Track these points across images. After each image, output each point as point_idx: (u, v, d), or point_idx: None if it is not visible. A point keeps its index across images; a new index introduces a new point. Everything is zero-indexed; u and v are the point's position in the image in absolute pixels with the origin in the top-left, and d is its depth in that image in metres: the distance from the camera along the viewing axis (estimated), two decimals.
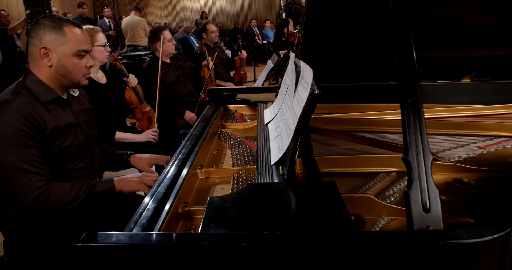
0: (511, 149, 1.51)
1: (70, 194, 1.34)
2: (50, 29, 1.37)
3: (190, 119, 3.26)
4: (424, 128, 0.77)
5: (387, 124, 1.70)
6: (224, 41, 10.57)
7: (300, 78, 1.18)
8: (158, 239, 0.67)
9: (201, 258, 0.65)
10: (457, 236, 0.66)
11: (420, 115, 0.77)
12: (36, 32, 1.37)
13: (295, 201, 0.85)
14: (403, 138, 0.78)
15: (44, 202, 1.29)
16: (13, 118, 1.28)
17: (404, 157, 0.77)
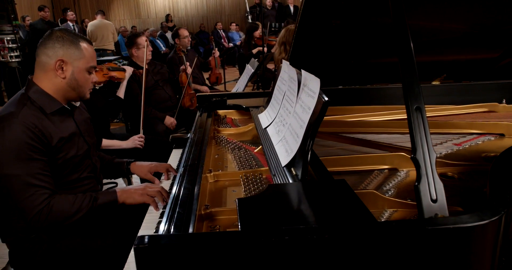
0: (482, 144, 1.69)
1: (73, 207, 1.35)
2: (69, 43, 1.40)
3: (170, 124, 3.30)
4: (428, 130, 0.89)
5: (372, 125, 1.84)
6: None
7: (302, 86, 1.28)
8: (215, 238, 0.75)
9: (249, 252, 0.73)
10: (463, 221, 0.78)
11: (424, 119, 0.90)
12: (52, 43, 1.39)
13: (316, 198, 0.94)
14: (411, 139, 0.90)
15: (47, 215, 1.30)
16: (19, 131, 1.29)
17: (412, 156, 0.88)
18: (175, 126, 3.37)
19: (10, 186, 1.30)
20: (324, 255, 0.74)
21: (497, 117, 2.06)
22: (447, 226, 0.77)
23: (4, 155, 1.28)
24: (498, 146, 1.66)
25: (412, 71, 0.93)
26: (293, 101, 1.36)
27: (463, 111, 2.09)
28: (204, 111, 2.06)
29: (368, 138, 1.69)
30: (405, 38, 0.96)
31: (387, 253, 0.77)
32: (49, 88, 1.42)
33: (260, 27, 6.41)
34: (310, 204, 0.91)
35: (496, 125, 1.77)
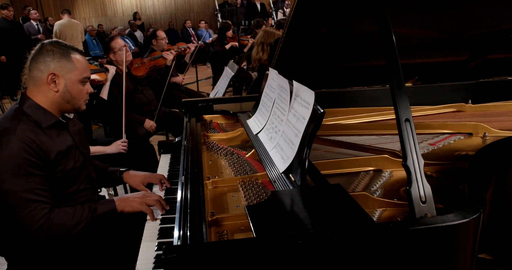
0: (454, 143, 1.83)
1: (73, 219, 1.38)
2: (59, 56, 1.40)
3: (150, 127, 3.31)
4: (416, 139, 1.00)
5: (353, 127, 1.96)
6: None
7: (295, 96, 1.37)
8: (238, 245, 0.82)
9: (268, 256, 0.81)
10: (450, 219, 0.90)
11: (413, 129, 1.00)
12: (43, 58, 1.40)
13: (317, 203, 1.03)
14: (401, 147, 1.00)
15: (48, 230, 1.33)
16: (17, 147, 1.30)
17: (403, 163, 0.99)
18: (155, 129, 3.39)
19: (10, 202, 1.31)
20: (333, 255, 0.84)
21: (465, 116, 2.23)
22: (436, 225, 0.88)
23: (3, 171, 1.28)
24: (467, 144, 1.81)
25: (402, 86, 1.04)
26: (285, 109, 1.44)
27: (435, 112, 2.24)
28: (192, 116, 2.11)
29: (350, 140, 1.80)
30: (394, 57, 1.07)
31: (387, 250, 0.87)
32: (43, 102, 1.43)
33: (232, 27, 6.48)
34: (313, 209, 1.00)
35: (465, 125, 1.92)
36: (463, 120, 2.11)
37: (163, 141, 2.19)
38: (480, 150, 1.35)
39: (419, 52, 2.29)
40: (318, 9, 1.61)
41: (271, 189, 1.31)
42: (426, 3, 1.75)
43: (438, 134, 1.92)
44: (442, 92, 2.47)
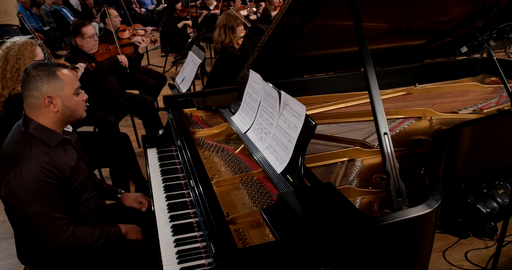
0: (408, 128, 2.16)
1: (92, 238, 1.54)
2: (46, 78, 1.45)
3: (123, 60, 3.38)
4: (392, 148, 1.26)
5: (321, 117, 2.21)
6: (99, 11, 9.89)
7: (284, 105, 1.57)
8: (270, 247, 1.05)
9: (291, 254, 1.05)
10: (421, 210, 1.18)
11: (390, 141, 1.26)
12: (33, 85, 1.44)
13: (317, 202, 1.28)
14: (382, 155, 1.26)
15: (72, 245, 1.47)
16: (36, 171, 1.39)
17: (384, 168, 1.25)
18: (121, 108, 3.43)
19: (35, 222, 1.41)
20: (339, 248, 1.10)
21: (414, 98, 2.57)
22: (411, 216, 1.17)
23: (26, 195, 1.37)
24: (418, 128, 2.15)
25: (380, 105, 1.29)
26: (273, 114, 1.64)
27: (388, 96, 2.55)
28: (175, 111, 2.23)
29: (321, 129, 2.06)
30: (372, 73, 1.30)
31: (378, 238, 1.15)
32: (47, 123, 1.50)
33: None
34: (315, 207, 1.24)
35: (415, 111, 2.25)
36: (413, 104, 2.44)
37: (146, 135, 2.31)
38: (435, 141, 1.65)
39: (375, 41, 2.55)
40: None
41: (267, 184, 1.54)
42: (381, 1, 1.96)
43: (394, 119, 2.23)
44: (392, 75, 2.79)
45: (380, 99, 1.32)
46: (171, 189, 1.85)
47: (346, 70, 2.75)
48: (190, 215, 1.67)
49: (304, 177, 1.42)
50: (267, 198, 1.46)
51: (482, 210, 2.64)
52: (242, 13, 6.01)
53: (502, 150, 2.07)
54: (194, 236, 1.53)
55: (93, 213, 1.68)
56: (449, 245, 2.54)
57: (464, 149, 1.86)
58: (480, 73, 2.98)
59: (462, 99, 2.52)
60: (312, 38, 2.14)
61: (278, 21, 1.75)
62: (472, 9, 2.31)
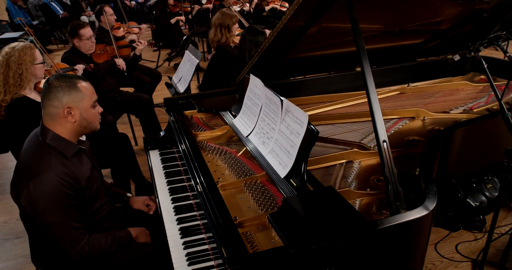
0: (402, 128, 2.24)
1: (106, 245, 1.61)
2: (68, 89, 1.51)
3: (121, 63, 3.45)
4: (391, 156, 1.34)
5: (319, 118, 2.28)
6: (89, 4, 9.78)
7: (286, 111, 1.63)
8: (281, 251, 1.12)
9: (299, 256, 1.13)
10: (418, 213, 1.27)
11: (388, 148, 1.34)
12: (54, 95, 1.50)
13: (320, 205, 1.35)
14: (381, 163, 1.34)
15: (88, 252, 1.54)
16: (56, 182, 1.44)
17: (383, 174, 1.33)
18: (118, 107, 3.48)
19: (53, 231, 1.47)
20: (342, 250, 1.18)
21: (407, 97, 2.65)
22: (409, 219, 1.25)
23: (45, 206, 1.43)
24: (412, 128, 2.23)
25: (379, 113, 1.36)
26: (276, 120, 1.71)
27: (383, 96, 2.63)
28: (176, 113, 2.28)
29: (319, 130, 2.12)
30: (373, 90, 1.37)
31: (378, 239, 1.23)
32: (63, 133, 1.55)
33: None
34: (318, 211, 1.32)
35: (409, 111, 2.33)
36: (406, 103, 2.53)
37: (148, 137, 2.36)
38: (429, 144, 1.73)
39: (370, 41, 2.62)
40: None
41: (270, 188, 1.62)
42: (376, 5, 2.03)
43: (388, 120, 2.31)
44: (385, 74, 2.87)
45: (379, 109, 1.39)
46: (176, 192, 1.91)
47: (341, 70, 2.82)
48: (197, 217, 1.74)
49: (307, 181, 1.49)
50: (271, 201, 1.54)
51: (472, 204, 2.75)
52: (235, 8, 6.02)
53: (491, 149, 2.17)
54: (202, 238, 1.60)
55: (105, 219, 1.73)
56: (440, 238, 2.65)
57: (456, 149, 1.95)
58: (470, 71, 3.08)
59: (453, 98, 2.61)
60: (310, 40, 2.20)
61: (282, 25, 1.81)
62: (462, 11, 2.39)
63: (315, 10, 1.77)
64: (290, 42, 2.04)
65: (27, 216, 1.51)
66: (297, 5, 1.66)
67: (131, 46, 3.79)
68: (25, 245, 2.68)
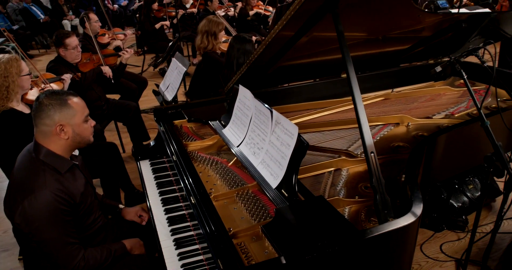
0: (387, 134, 2.31)
1: (101, 259, 1.62)
2: (59, 106, 1.52)
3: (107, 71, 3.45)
4: (379, 165, 1.40)
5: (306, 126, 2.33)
6: (70, 8, 9.67)
7: (276, 123, 1.68)
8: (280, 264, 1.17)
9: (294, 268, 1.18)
10: (406, 220, 1.33)
11: (376, 159, 1.39)
12: (46, 113, 1.50)
13: (311, 215, 1.40)
14: (369, 173, 1.39)
15: (83, 267, 1.55)
16: (51, 199, 1.45)
17: (371, 184, 1.39)
18: (105, 115, 3.47)
19: (49, 247, 1.48)
20: (334, 258, 1.23)
21: (391, 103, 2.73)
22: (397, 227, 1.31)
23: (41, 223, 1.44)
24: (397, 134, 2.30)
25: (367, 126, 1.41)
26: (266, 131, 1.75)
27: (368, 102, 2.70)
28: (166, 123, 2.30)
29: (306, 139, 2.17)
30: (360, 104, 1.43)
31: (368, 247, 1.28)
32: (57, 149, 1.56)
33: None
34: (310, 221, 1.36)
35: (394, 117, 2.41)
36: (391, 109, 2.60)
37: (138, 147, 2.37)
38: (413, 151, 1.80)
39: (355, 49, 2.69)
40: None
41: (262, 197, 1.66)
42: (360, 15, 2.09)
43: (374, 126, 2.38)
44: (370, 80, 2.94)
45: (367, 122, 1.45)
46: (169, 202, 1.94)
47: (326, 77, 2.88)
48: (190, 228, 1.77)
49: (298, 191, 1.54)
50: (263, 211, 1.58)
51: (454, 204, 2.85)
52: (219, 13, 6.04)
53: (473, 153, 2.26)
54: (196, 249, 1.63)
55: (98, 232, 1.75)
56: (425, 239, 2.73)
57: (440, 155, 2.02)
58: (451, 76, 3.18)
59: (435, 103, 2.69)
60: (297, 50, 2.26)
61: (274, 35, 1.85)
62: (442, 20, 2.47)
63: (304, 24, 1.82)
64: (277, 54, 2.10)
65: (21, 233, 1.51)
66: (285, 20, 1.70)
67: (117, 54, 3.79)
68: (14, 258, 2.67)
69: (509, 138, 2.38)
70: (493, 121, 2.00)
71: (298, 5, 1.62)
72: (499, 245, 2.66)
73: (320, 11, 1.74)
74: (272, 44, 1.95)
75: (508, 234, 2.76)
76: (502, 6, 6.34)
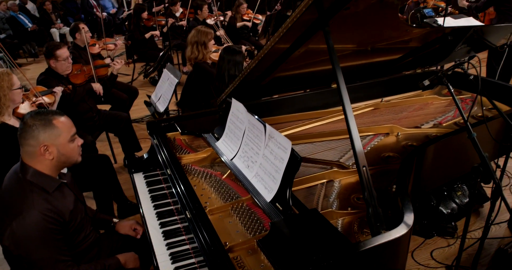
0: (378, 144, 2.36)
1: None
2: (43, 127, 1.51)
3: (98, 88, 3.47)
4: (371, 179, 1.43)
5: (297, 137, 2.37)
6: (59, 16, 9.62)
7: (269, 137, 1.70)
8: None
9: None
10: (399, 232, 1.36)
11: (368, 173, 1.43)
12: (30, 134, 1.50)
13: (306, 229, 1.43)
14: (361, 186, 1.43)
15: None
16: (39, 219, 1.44)
17: (364, 197, 1.42)
18: (97, 126, 3.47)
19: (41, 267, 1.47)
20: None
21: (381, 113, 2.78)
22: (390, 239, 1.35)
23: (31, 244, 1.43)
24: (387, 144, 2.35)
25: (358, 141, 1.45)
26: (259, 144, 1.78)
27: (359, 112, 2.75)
28: (159, 136, 2.31)
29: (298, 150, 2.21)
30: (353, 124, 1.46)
31: (362, 259, 1.31)
32: (43, 169, 1.55)
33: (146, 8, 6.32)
34: (305, 234, 1.39)
35: (383, 127, 2.46)
36: (380, 119, 2.66)
37: (132, 159, 2.38)
38: (403, 162, 1.84)
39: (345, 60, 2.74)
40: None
41: (257, 211, 1.68)
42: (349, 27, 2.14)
43: (365, 136, 2.42)
44: (360, 90, 2.99)
45: (359, 138, 1.49)
46: (164, 216, 1.95)
47: (316, 88, 2.93)
48: (186, 241, 1.78)
49: (292, 205, 1.57)
50: (258, 224, 1.61)
51: (444, 211, 2.91)
52: (208, 22, 6.08)
53: (461, 161, 2.31)
54: (192, 263, 1.65)
55: (91, 248, 1.75)
56: (416, 246, 2.78)
57: (429, 165, 2.07)
58: (438, 85, 3.25)
59: (423, 112, 2.75)
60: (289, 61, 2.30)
61: (269, 48, 1.89)
62: (428, 32, 2.54)
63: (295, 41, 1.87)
64: (269, 69, 2.13)
65: (11, 254, 1.51)
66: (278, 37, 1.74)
67: (108, 65, 3.79)
68: None
69: (495, 145, 2.44)
70: (480, 130, 2.06)
71: (291, 23, 1.66)
72: (487, 250, 2.72)
73: (311, 29, 1.79)
74: (264, 59, 1.99)
75: (495, 240, 2.82)
76: (486, 14, 6.50)
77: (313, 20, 1.76)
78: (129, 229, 2.00)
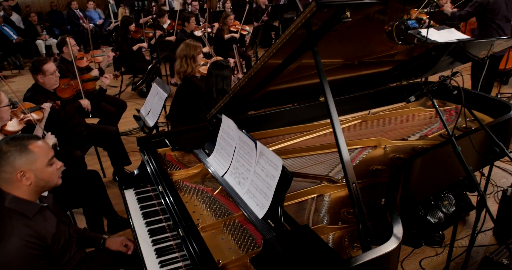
0: (366, 157, 2.40)
1: None
2: (18, 153, 1.48)
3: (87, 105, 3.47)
4: (360, 195, 1.47)
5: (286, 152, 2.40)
6: (44, 27, 9.55)
7: (260, 154, 1.73)
8: None
9: None
10: (390, 246, 1.39)
11: (358, 190, 1.46)
12: (5, 161, 1.47)
13: (298, 246, 1.45)
14: (351, 203, 1.46)
15: None
16: (20, 245, 1.43)
17: (354, 213, 1.45)
18: (86, 141, 3.46)
19: None
20: None
21: (368, 125, 2.84)
22: (381, 253, 1.38)
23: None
24: (375, 157, 2.40)
25: (348, 158, 1.49)
26: (250, 161, 1.80)
27: (347, 125, 2.80)
28: (149, 153, 2.32)
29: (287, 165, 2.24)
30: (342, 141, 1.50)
31: None
32: (22, 195, 1.53)
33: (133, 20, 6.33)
34: (296, 251, 1.41)
35: (371, 140, 2.51)
36: (368, 131, 2.71)
37: (122, 175, 2.38)
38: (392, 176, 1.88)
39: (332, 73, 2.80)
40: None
41: (249, 227, 1.70)
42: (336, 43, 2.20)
43: (353, 150, 2.47)
44: (348, 102, 3.05)
45: (348, 155, 1.52)
46: (155, 233, 1.95)
47: (305, 101, 2.97)
48: (178, 258, 1.78)
49: (284, 222, 1.59)
50: (251, 241, 1.62)
51: (431, 220, 2.96)
52: (196, 34, 6.11)
53: (448, 173, 2.37)
54: None
55: (77, 268, 1.73)
56: (405, 256, 2.82)
57: (416, 177, 2.12)
58: (423, 96, 3.32)
59: (409, 124, 2.82)
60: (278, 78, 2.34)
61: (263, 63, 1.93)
62: (413, 47, 2.62)
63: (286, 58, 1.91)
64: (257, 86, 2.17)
65: None
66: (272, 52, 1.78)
67: (96, 79, 3.79)
68: None
69: (479, 156, 2.51)
70: (463, 142, 2.13)
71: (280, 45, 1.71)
72: (474, 258, 2.78)
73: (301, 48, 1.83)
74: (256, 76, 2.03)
75: (482, 248, 2.88)
76: (467, 24, 6.68)
77: (302, 41, 1.81)
78: (120, 245, 1.99)
